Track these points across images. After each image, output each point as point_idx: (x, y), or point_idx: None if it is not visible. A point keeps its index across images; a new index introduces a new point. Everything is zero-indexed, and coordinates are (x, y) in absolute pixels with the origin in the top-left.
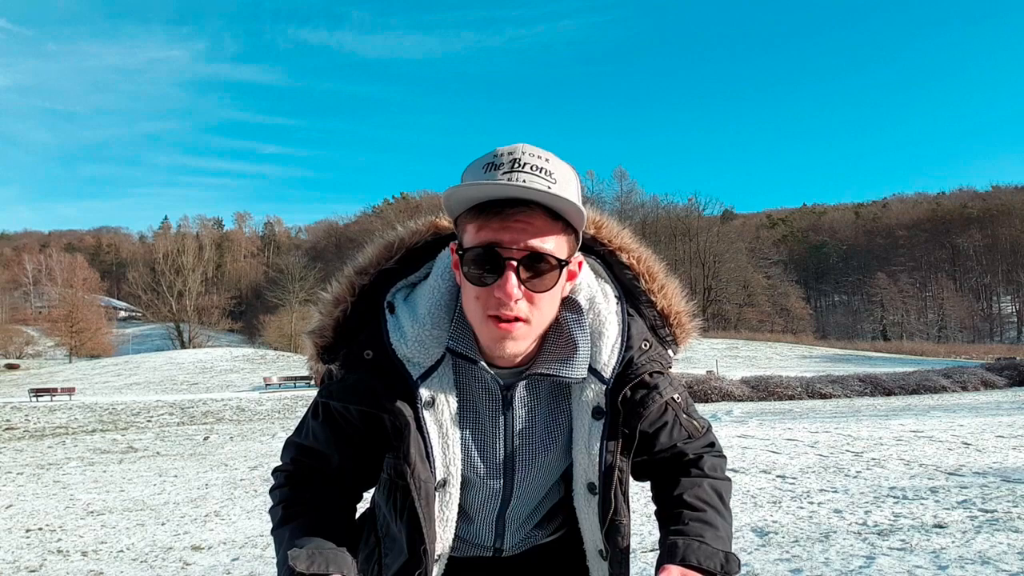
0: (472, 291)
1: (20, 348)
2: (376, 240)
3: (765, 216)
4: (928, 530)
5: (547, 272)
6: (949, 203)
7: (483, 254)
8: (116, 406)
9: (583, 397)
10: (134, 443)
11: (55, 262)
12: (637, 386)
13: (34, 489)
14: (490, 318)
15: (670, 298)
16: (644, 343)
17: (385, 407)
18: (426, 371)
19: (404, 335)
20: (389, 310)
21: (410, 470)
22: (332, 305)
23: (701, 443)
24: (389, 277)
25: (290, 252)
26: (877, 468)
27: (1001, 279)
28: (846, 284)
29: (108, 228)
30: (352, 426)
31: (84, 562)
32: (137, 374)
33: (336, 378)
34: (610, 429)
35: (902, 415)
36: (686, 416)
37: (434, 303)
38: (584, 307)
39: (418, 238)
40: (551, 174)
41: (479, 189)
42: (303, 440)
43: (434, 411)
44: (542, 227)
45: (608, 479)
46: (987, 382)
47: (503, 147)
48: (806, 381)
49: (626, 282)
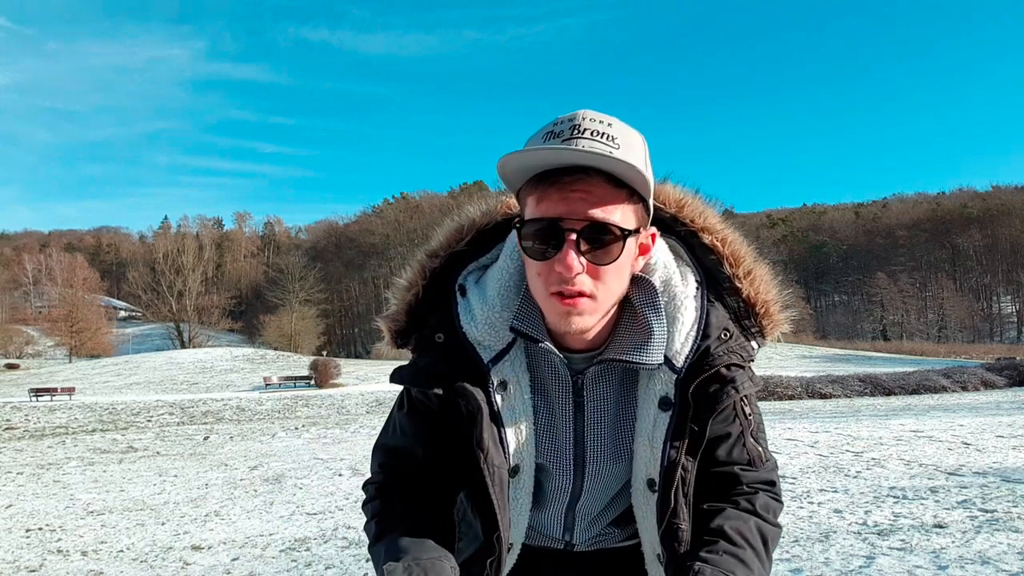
0: (534, 267)
1: (20, 348)
2: (446, 223)
3: (765, 216)
4: (928, 530)
5: (610, 243)
6: (949, 203)
7: (542, 227)
8: (116, 406)
9: (651, 385)
10: (134, 443)
11: (55, 262)
12: (711, 379)
13: (34, 489)
14: (553, 295)
15: (757, 285)
16: (724, 332)
17: (457, 390)
18: (497, 354)
19: (474, 318)
20: (460, 293)
21: (483, 455)
22: (405, 290)
23: (761, 477)
24: (460, 260)
25: (290, 252)
26: (877, 468)
27: (1001, 279)
28: (846, 284)
29: (108, 228)
30: (434, 415)
31: (84, 562)
32: (137, 374)
33: (411, 362)
34: (677, 423)
35: (902, 415)
36: (753, 440)
37: (503, 284)
38: (659, 288)
39: (489, 219)
40: (613, 139)
41: (534, 156)
42: (388, 439)
43: (506, 395)
44: (604, 195)
45: (670, 477)
46: (987, 382)
47: (564, 115)
48: (806, 381)
49: (709, 266)
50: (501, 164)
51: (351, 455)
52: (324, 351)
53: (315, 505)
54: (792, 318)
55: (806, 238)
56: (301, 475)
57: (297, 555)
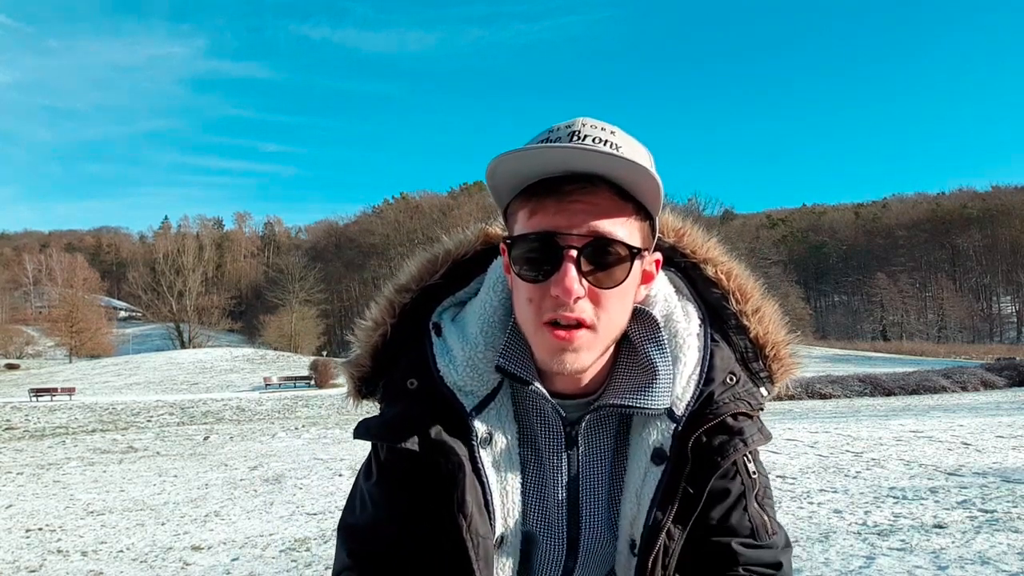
0: (525, 291)
1: (20, 348)
2: (418, 254)
3: (765, 216)
4: (928, 530)
5: (616, 263)
6: (949, 203)
7: (536, 243)
8: (116, 406)
9: (644, 433)
10: (134, 443)
11: (55, 262)
12: (715, 429)
13: (34, 489)
14: (546, 325)
15: (766, 324)
16: (730, 376)
17: (435, 445)
18: (481, 401)
19: (454, 359)
20: (435, 332)
21: (467, 523)
22: (370, 330)
23: (765, 557)
24: (434, 295)
25: (290, 252)
26: (877, 468)
27: (1001, 279)
28: (846, 284)
29: (108, 228)
30: (410, 479)
31: (84, 562)
32: (137, 374)
33: (379, 413)
34: (670, 480)
35: (902, 415)
36: (757, 505)
37: (486, 320)
38: (660, 323)
39: (466, 249)
40: (617, 147)
41: (528, 159)
42: (356, 519)
43: (492, 450)
44: (609, 207)
45: (651, 542)
46: (987, 382)
47: (561, 123)
48: (806, 381)
49: (712, 301)
50: (492, 168)
51: (351, 455)
52: (324, 351)
53: (315, 505)
54: (799, 363)
55: (806, 238)
56: (301, 475)
57: (297, 555)
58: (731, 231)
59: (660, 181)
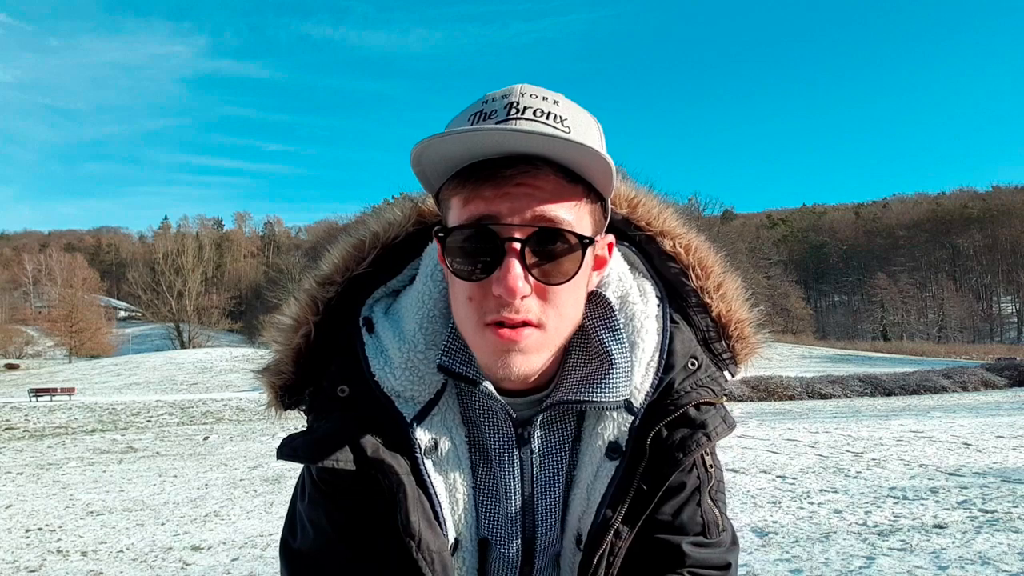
0: (462, 289)
1: (20, 348)
2: (341, 239)
3: (765, 216)
4: (928, 530)
5: (564, 254)
6: (949, 203)
7: (473, 235)
8: (116, 406)
9: (599, 426)
10: (134, 443)
11: (55, 262)
12: (676, 422)
13: (34, 489)
14: (488, 326)
15: (729, 301)
16: (691, 361)
17: (372, 462)
18: (424, 407)
19: (390, 361)
20: (367, 328)
21: (415, 543)
22: (290, 331)
23: (713, 558)
24: (363, 286)
25: (290, 252)
26: (877, 468)
27: (1001, 279)
28: (846, 284)
29: (108, 228)
30: (351, 501)
31: (84, 562)
32: (137, 374)
33: (305, 430)
34: (623, 477)
35: (902, 415)
36: (710, 500)
37: (425, 315)
38: (615, 306)
39: (397, 231)
40: (562, 120)
41: (459, 141)
42: (298, 543)
43: (438, 458)
44: (555, 191)
45: (597, 540)
46: (987, 382)
47: (496, 91)
48: (806, 381)
49: (670, 278)
50: (416, 154)
51: None
52: None
53: None
54: (765, 341)
55: (806, 238)
56: None
57: None
58: (731, 231)
59: (612, 161)
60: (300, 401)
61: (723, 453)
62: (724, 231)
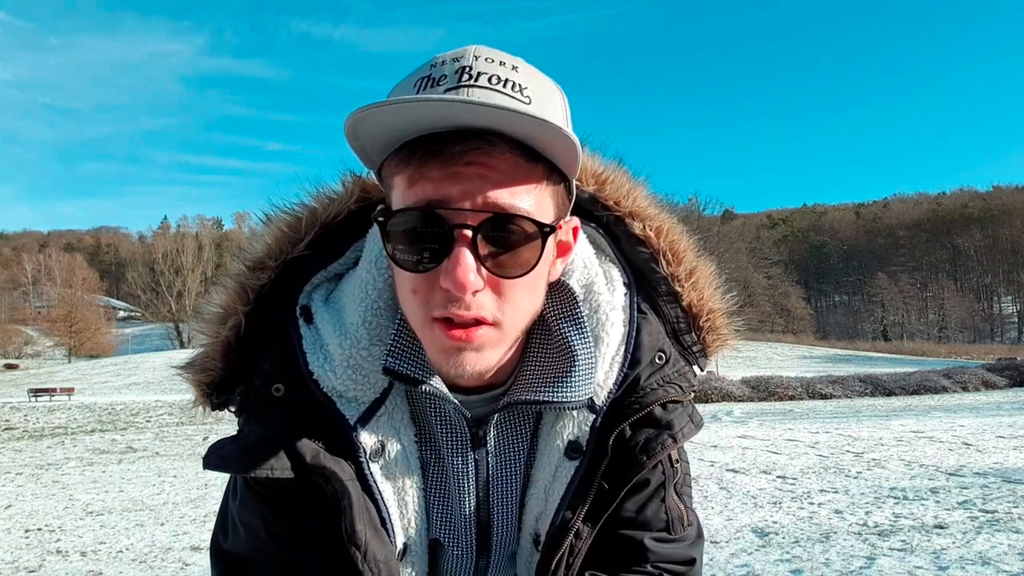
0: (406, 280)
1: (19, 348)
2: (275, 218)
3: (765, 216)
4: (929, 531)
5: (522, 244)
6: (950, 203)
7: (419, 220)
8: (115, 406)
9: (557, 424)
10: (133, 443)
11: (54, 262)
12: (641, 422)
13: (33, 489)
14: (437, 321)
15: (701, 289)
16: (659, 355)
17: (312, 469)
18: (368, 409)
19: (330, 358)
20: (305, 319)
21: (360, 553)
22: (218, 322)
23: (677, 554)
24: (300, 270)
25: None
26: (877, 469)
27: (1002, 279)
28: (846, 284)
29: (107, 228)
30: (288, 506)
31: (83, 562)
32: (136, 374)
33: (235, 435)
34: (584, 477)
35: (902, 415)
36: (675, 496)
37: (369, 307)
38: (579, 295)
39: (338, 209)
40: (522, 89)
41: (401, 111)
42: (230, 544)
43: (385, 462)
44: (511, 172)
45: (557, 541)
46: (988, 382)
47: (447, 52)
48: (806, 381)
49: (639, 264)
50: (352, 125)
51: None
52: None
53: None
54: (739, 328)
55: (806, 238)
56: None
57: None
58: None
59: (576, 139)
60: (230, 401)
61: (723, 454)
62: (724, 231)
